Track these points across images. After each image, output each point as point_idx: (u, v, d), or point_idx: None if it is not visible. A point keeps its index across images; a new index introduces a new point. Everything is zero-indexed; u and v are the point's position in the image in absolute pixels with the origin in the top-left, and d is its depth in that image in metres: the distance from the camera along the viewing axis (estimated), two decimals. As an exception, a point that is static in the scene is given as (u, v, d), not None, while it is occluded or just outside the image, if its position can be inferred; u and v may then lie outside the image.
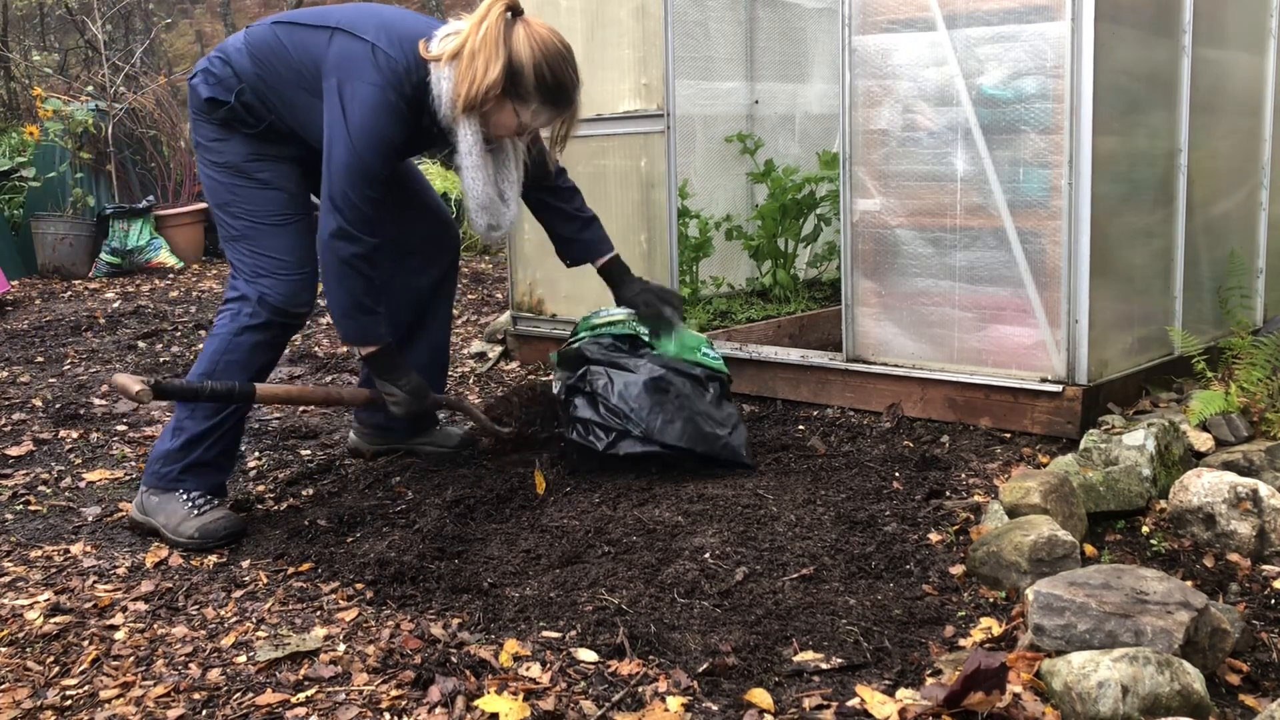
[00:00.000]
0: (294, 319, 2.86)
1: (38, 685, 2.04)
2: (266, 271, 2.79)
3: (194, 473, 2.77)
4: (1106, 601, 1.93)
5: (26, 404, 4.07)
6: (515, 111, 2.70)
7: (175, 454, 2.77)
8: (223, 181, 2.82)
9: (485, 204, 2.78)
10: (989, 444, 3.12)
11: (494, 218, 2.82)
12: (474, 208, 2.78)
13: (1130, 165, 3.21)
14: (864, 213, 3.38)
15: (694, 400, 2.98)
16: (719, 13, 4.94)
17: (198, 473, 2.77)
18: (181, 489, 2.75)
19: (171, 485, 2.75)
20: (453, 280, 3.25)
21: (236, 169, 2.81)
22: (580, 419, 2.97)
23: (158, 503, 2.75)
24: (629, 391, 2.95)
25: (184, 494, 2.74)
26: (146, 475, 2.81)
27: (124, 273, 7.16)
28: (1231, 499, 2.45)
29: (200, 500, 2.74)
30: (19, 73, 11.50)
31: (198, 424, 2.76)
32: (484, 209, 2.79)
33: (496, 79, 2.62)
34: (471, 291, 6.25)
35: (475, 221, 2.81)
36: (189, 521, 2.70)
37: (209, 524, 2.69)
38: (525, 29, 2.66)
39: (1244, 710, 1.85)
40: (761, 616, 2.17)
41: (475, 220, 2.81)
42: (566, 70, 2.70)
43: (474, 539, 2.62)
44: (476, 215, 2.80)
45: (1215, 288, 3.72)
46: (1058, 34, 2.96)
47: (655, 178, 3.88)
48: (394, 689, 1.96)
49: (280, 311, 2.80)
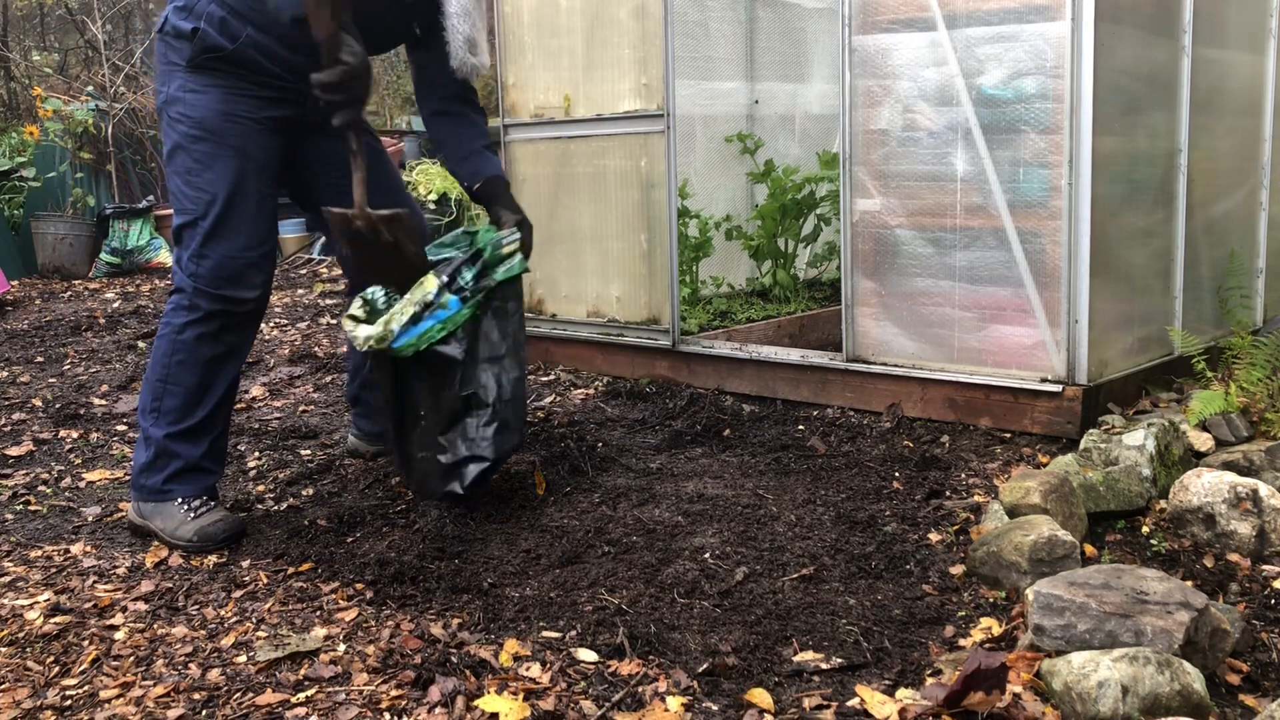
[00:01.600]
0: (237, 306, 2.67)
1: (38, 685, 2.04)
2: (202, 251, 2.62)
3: (180, 479, 2.70)
4: (1106, 601, 1.93)
5: (26, 404, 4.07)
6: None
7: (150, 466, 2.70)
8: (184, 144, 2.65)
9: (468, 10, 2.79)
10: (989, 444, 3.12)
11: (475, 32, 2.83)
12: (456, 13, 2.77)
13: (1130, 165, 3.21)
14: (864, 213, 3.38)
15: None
16: (719, 13, 4.94)
17: (184, 478, 2.70)
18: (173, 496, 2.69)
19: (160, 496, 2.70)
20: None
21: (204, 128, 2.63)
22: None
23: (153, 508, 2.71)
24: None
25: (178, 500, 2.69)
26: (133, 489, 2.75)
27: (124, 273, 7.17)
28: (1231, 499, 2.45)
29: (196, 503, 2.69)
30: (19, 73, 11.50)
31: (162, 430, 2.68)
32: (465, 15, 2.79)
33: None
34: (471, 291, 6.25)
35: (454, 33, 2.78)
36: (186, 525, 2.65)
37: (207, 526, 2.65)
38: None
39: (1244, 710, 1.85)
40: (761, 616, 2.17)
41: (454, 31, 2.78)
42: None
43: (474, 539, 2.62)
44: (458, 23, 2.78)
45: (1215, 288, 3.72)
46: (1058, 34, 2.96)
47: (655, 178, 3.88)
48: (394, 689, 1.96)
49: (220, 299, 2.64)
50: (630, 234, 3.99)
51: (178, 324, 2.67)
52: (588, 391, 3.96)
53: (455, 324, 2.60)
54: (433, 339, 2.59)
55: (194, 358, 2.66)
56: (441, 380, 2.67)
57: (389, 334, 2.57)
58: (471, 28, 2.80)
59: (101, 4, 9.79)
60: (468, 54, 2.81)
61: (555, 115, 4.14)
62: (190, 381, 2.67)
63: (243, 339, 2.77)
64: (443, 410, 2.68)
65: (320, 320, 5.54)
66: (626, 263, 4.03)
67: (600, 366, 4.18)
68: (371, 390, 3.13)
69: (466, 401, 2.66)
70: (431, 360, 2.63)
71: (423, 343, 2.58)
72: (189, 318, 2.66)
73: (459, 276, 2.60)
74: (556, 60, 4.11)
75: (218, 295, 2.64)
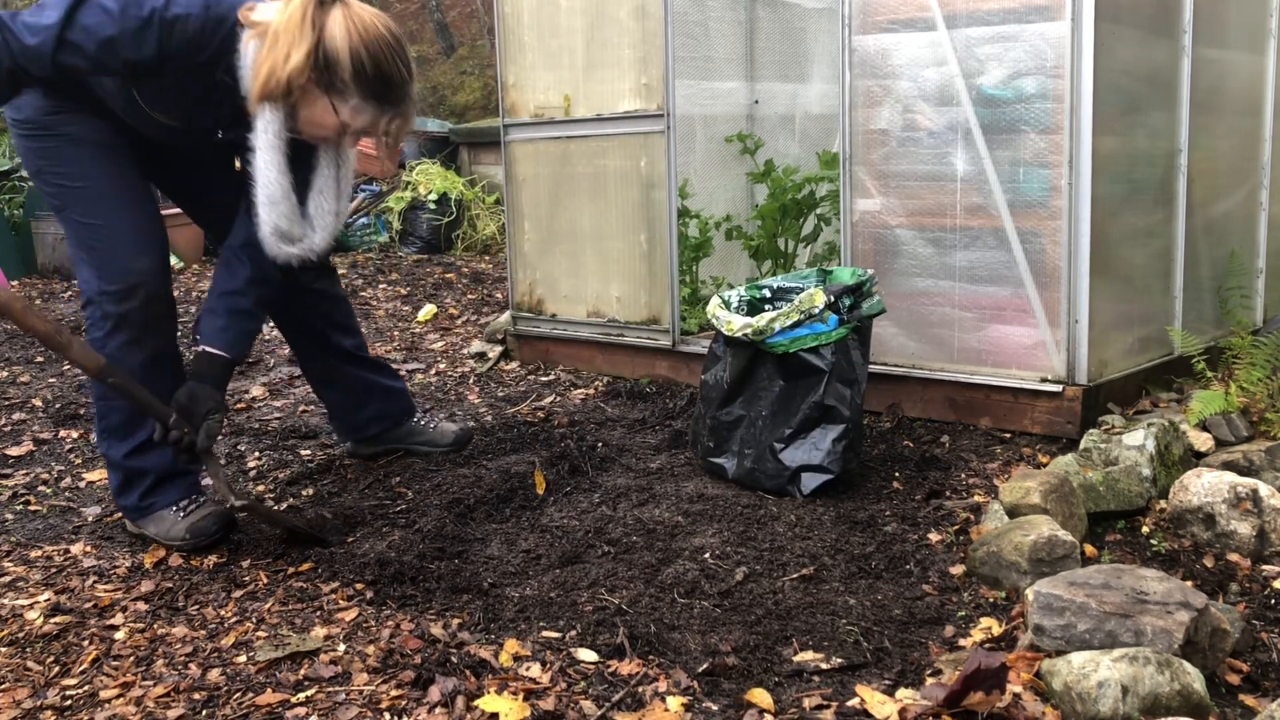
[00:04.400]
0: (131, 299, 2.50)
1: (38, 685, 2.04)
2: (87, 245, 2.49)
3: (155, 492, 2.67)
4: (1106, 601, 1.93)
5: (26, 404, 4.07)
6: (333, 107, 2.33)
7: (123, 489, 2.67)
8: (28, 146, 2.52)
9: (275, 200, 2.39)
10: (989, 444, 3.12)
11: (286, 223, 2.41)
12: (262, 201, 2.38)
13: (1130, 165, 3.21)
14: (864, 213, 3.38)
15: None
16: (719, 13, 4.94)
17: (159, 490, 2.67)
18: (155, 509, 2.66)
19: (144, 513, 2.67)
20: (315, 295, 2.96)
21: (35, 125, 2.50)
22: None
23: (144, 520, 2.70)
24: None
25: (166, 507, 2.67)
26: (119, 509, 2.73)
27: (124, 273, 7.16)
28: (1231, 499, 2.45)
29: (184, 503, 2.67)
30: (19, 73, 11.48)
31: (119, 451, 2.63)
32: (273, 205, 2.39)
33: (300, 65, 2.26)
34: (471, 291, 6.26)
35: (261, 222, 2.40)
36: (178, 525, 2.64)
37: (197, 522, 2.63)
38: (344, 11, 2.29)
39: (1244, 710, 1.85)
40: (761, 616, 2.17)
41: (261, 220, 2.40)
42: (394, 61, 2.32)
43: (474, 539, 2.62)
44: (263, 211, 2.39)
45: (1215, 288, 3.72)
46: (1058, 34, 2.96)
47: (655, 178, 3.88)
48: (394, 689, 1.96)
49: (115, 296, 2.49)
50: (630, 234, 3.99)
51: (98, 338, 2.54)
52: (588, 391, 3.96)
53: (827, 339, 2.83)
54: (803, 345, 2.82)
55: (129, 367, 2.51)
56: (799, 386, 2.86)
57: (769, 329, 2.83)
58: (280, 218, 2.40)
59: (101, 4, 9.77)
60: (279, 243, 2.44)
61: (555, 115, 4.14)
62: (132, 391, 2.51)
63: (163, 338, 2.62)
64: (795, 413, 2.86)
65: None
66: (626, 263, 4.03)
67: (600, 366, 4.18)
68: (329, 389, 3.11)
69: (825, 411, 2.83)
70: (796, 365, 2.85)
71: (793, 346, 2.83)
72: (104, 329, 2.53)
73: (841, 300, 2.84)
74: (556, 60, 4.11)
75: (112, 293, 2.50)
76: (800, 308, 2.82)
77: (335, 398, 3.19)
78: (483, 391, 4.11)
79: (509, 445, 3.31)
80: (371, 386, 3.17)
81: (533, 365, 4.38)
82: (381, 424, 3.23)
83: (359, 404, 3.18)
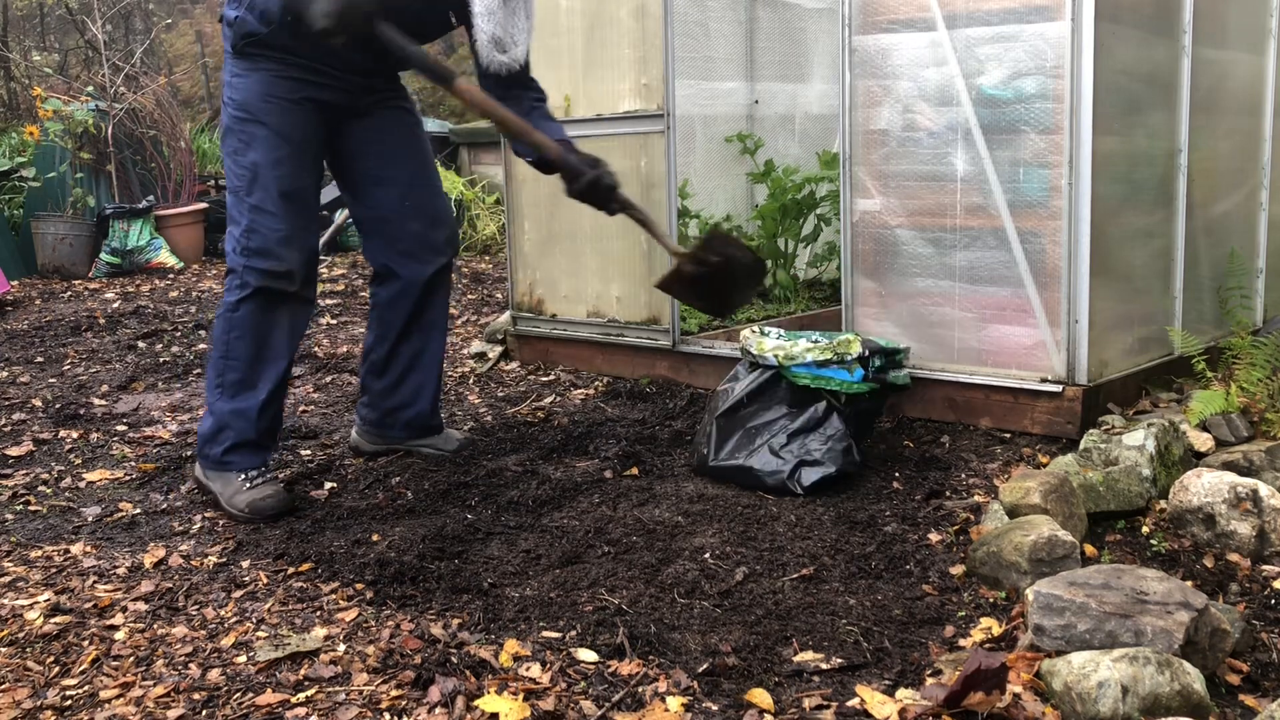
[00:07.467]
0: (277, 280, 2.81)
1: (38, 685, 2.04)
2: (250, 227, 2.78)
3: (237, 452, 2.86)
4: (1106, 602, 1.93)
5: (26, 404, 4.07)
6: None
7: (212, 437, 2.87)
8: (232, 126, 2.83)
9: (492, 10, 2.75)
10: (989, 444, 3.12)
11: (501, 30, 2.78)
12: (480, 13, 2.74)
13: (1130, 165, 3.21)
14: (864, 213, 3.38)
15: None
16: (719, 13, 4.94)
17: (241, 451, 2.87)
18: (232, 468, 2.86)
19: (221, 467, 2.87)
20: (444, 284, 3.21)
21: (246, 110, 2.80)
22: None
23: (215, 474, 2.89)
24: None
25: (236, 471, 2.85)
26: (198, 454, 2.94)
27: (124, 273, 7.16)
28: (1231, 499, 2.45)
29: (253, 474, 2.86)
30: (19, 73, 11.51)
31: (226, 404, 2.85)
32: (490, 15, 2.75)
33: None
34: (471, 291, 6.26)
35: (479, 32, 2.77)
36: (241, 495, 2.81)
37: (258, 500, 2.80)
38: None
39: (1244, 710, 1.85)
40: (761, 616, 2.17)
41: (479, 30, 2.77)
42: None
43: (474, 539, 2.62)
44: (480, 22, 2.75)
45: (1215, 288, 3.72)
46: (1058, 34, 2.96)
47: (655, 178, 3.88)
48: (394, 689, 1.96)
49: (263, 274, 2.78)
50: (630, 234, 3.99)
51: (231, 301, 2.83)
52: (588, 391, 3.96)
53: (848, 389, 2.91)
54: (824, 385, 2.91)
55: (249, 333, 2.82)
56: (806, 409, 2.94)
57: (800, 357, 2.93)
58: (496, 26, 2.79)
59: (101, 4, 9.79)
60: (494, 52, 2.82)
61: (555, 115, 4.13)
62: (247, 354, 2.83)
63: (295, 318, 2.90)
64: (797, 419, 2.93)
65: (320, 320, 5.54)
66: (626, 263, 4.03)
67: (600, 366, 4.18)
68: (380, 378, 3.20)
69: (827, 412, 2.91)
70: (810, 397, 2.94)
71: (815, 383, 2.92)
72: (240, 295, 2.81)
73: (873, 359, 2.96)
74: (556, 60, 4.10)
75: (261, 270, 2.78)
76: (835, 348, 2.93)
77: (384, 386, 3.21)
78: (483, 392, 4.11)
79: (509, 445, 3.32)
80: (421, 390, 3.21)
81: (533, 365, 4.38)
82: (410, 431, 3.25)
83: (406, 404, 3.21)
